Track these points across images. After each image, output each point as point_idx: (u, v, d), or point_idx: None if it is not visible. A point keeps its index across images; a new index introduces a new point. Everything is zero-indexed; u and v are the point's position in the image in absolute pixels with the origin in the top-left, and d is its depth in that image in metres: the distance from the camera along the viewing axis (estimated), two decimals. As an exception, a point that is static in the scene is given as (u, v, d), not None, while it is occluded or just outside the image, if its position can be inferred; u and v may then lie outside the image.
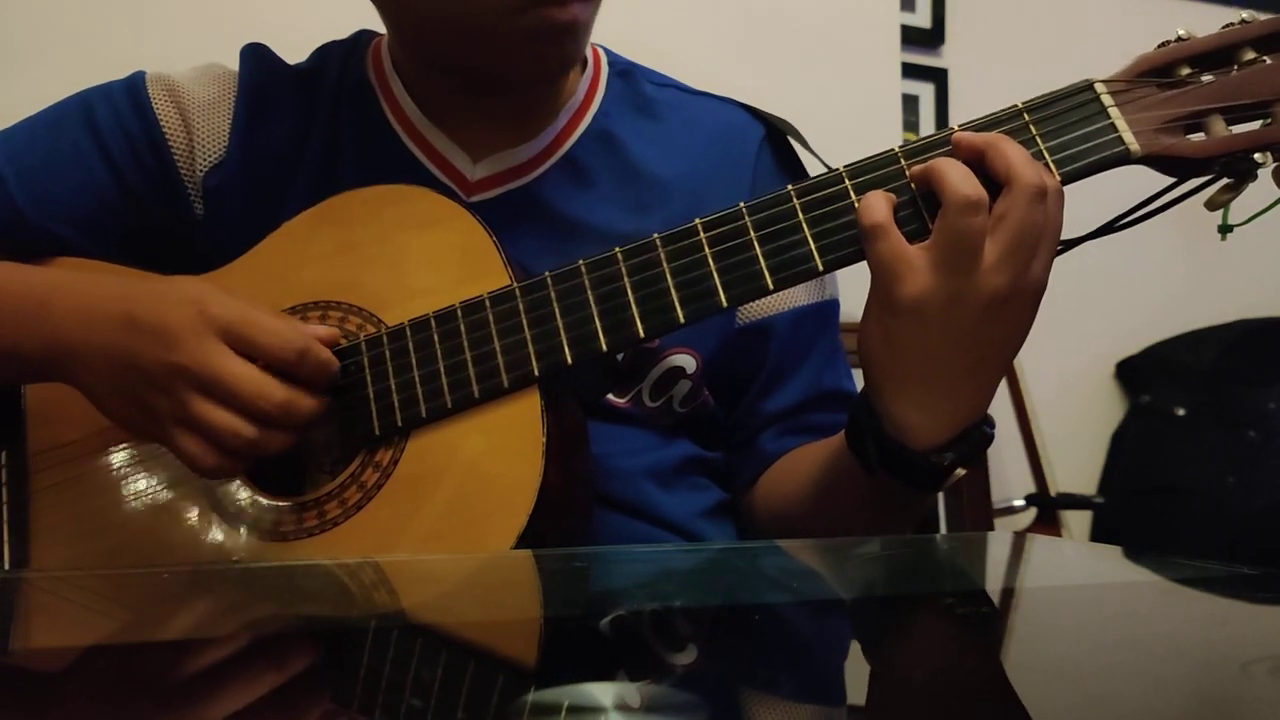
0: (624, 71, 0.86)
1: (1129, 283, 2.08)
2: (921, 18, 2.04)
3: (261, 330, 0.63)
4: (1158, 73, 0.64)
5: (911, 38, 1.94)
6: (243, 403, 0.62)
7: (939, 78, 2.06)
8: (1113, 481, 2.13)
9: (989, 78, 2.07)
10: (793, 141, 0.85)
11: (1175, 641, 0.43)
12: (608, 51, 0.87)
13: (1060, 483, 1.94)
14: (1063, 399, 2.07)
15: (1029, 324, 0.63)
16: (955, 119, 2.10)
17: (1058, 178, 0.62)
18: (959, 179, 0.59)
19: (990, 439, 0.65)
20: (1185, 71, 0.64)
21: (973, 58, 2.07)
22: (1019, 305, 0.61)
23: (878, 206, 0.61)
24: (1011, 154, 0.60)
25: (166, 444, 0.64)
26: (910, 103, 2.02)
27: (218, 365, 0.62)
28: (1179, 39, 0.65)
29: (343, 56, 0.84)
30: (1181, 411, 2.05)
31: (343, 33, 0.87)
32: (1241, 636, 0.44)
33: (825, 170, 0.65)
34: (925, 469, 0.64)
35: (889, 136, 1.49)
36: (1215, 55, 0.64)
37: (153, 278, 0.75)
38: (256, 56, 0.83)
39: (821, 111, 0.97)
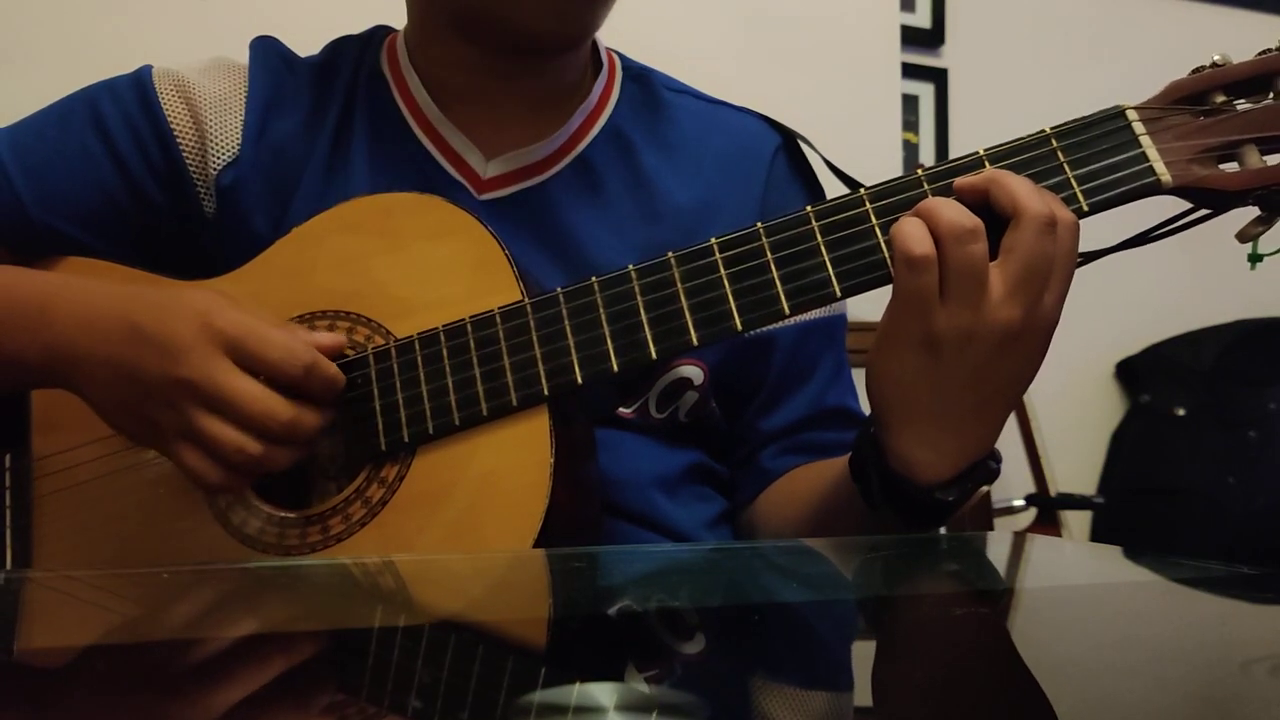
0: (639, 76, 0.85)
1: (1129, 283, 2.08)
2: (921, 18, 2.04)
3: (268, 345, 0.62)
4: (1191, 100, 0.62)
5: (911, 38, 1.95)
6: (249, 420, 0.61)
7: (939, 78, 2.06)
8: (1112, 481, 2.13)
9: (989, 78, 2.07)
10: (807, 150, 0.84)
11: (1175, 641, 0.43)
12: (622, 56, 0.86)
13: (1060, 483, 1.94)
14: (1063, 399, 2.07)
15: (1040, 360, 0.62)
16: (955, 119, 2.12)
17: (1086, 207, 0.61)
18: (950, 212, 0.58)
19: (996, 474, 0.64)
20: (1220, 99, 0.62)
21: (973, 58, 2.07)
22: (1031, 340, 0.60)
23: (924, 238, 0.58)
24: (1015, 186, 0.59)
25: (170, 457, 0.63)
26: (910, 103, 2.02)
27: (223, 381, 0.61)
28: (1214, 64, 0.62)
29: (358, 50, 0.83)
30: (1181, 411, 2.06)
31: (347, 28, 0.86)
32: (1241, 636, 0.44)
33: (843, 180, 0.64)
34: (928, 505, 0.63)
35: (889, 136, 1.49)
36: (1251, 83, 0.62)
37: (159, 282, 0.74)
38: (267, 50, 0.81)
39: (821, 111, 0.97)
